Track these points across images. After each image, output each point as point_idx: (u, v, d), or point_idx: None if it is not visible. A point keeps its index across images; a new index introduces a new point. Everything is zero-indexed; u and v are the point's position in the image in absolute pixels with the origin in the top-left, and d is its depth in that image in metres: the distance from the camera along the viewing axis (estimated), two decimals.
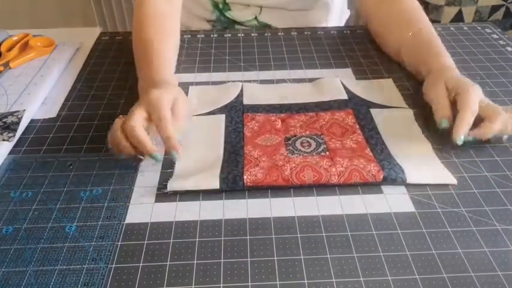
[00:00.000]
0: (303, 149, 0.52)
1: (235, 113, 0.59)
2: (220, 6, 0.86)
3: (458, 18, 1.56)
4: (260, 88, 0.64)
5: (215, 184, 0.47)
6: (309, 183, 0.47)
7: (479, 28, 0.83)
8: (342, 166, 0.48)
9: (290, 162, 0.49)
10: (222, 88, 0.65)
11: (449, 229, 0.44)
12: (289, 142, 0.53)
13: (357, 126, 0.55)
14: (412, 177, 0.48)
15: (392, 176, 0.48)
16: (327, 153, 0.51)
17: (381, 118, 0.57)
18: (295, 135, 0.54)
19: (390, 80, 0.66)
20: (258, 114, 0.58)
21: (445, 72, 0.57)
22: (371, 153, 0.51)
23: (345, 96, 0.61)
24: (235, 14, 0.86)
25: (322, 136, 0.54)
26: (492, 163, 0.51)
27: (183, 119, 0.52)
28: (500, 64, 0.71)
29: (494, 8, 1.56)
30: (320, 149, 0.52)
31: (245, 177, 0.47)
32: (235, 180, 0.47)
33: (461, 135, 0.50)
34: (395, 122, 0.57)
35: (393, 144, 0.53)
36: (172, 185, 0.48)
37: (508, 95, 0.63)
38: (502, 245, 0.42)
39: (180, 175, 0.49)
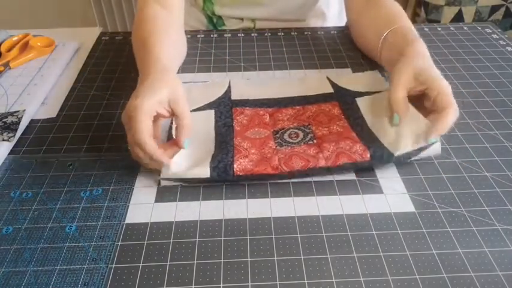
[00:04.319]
0: (291, 140, 0.52)
1: (224, 107, 0.59)
2: (214, 20, 0.87)
3: (458, 18, 1.57)
4: (247, 84, 0.65)
5: (206, 173, 0.47)
6: (297, 169, 0.48)
7: (479, 28, 0.82)
8: (329, 151, 0.49)
9: (278, 153, 0.50)
10: (208, 85, 0.65)
11: (449, 229, 0.44)
12: (278, 135, 0.54)
13: (343, 116, 0.57)
14: (397, 150, 0.49)
15: (379, 153, 0.49)
16: (315, 141, 0.52)
17: (366, 104, 0.58)
18: (283, 128, 0.55)
19: (376, 71, 0.67)
20: (247, 108, 0.59)
21: (417, 61, 0.54)
22: (356, 137, 0.52)
23: (330, 90, 0.63)
24: (229, 29, 0.86)
25: (309, 126, 0.55)
26: (492, 163, 0.51)
27: (188, 119, 0.50)
28: (500, 64, 0.71)
29: (494, 8, 1.57)
30: (307, 138, 0.53)
31: (235, 166, 0.48)
32: (225, 169, 0.48)
33: (435, 138, 0.49)
34: (380, 103, 0.57)
35: (378, 126, 0.53)
36: (165, 173, 0.48)
37: (508, 95, 0.63)
38: (502, 245, 0.42)
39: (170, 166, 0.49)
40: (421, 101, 0.53)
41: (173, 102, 0.49)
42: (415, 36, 0.60)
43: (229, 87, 0.63)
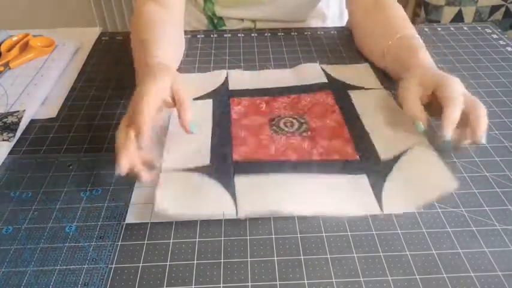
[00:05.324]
0: (286, 129, 0.55)
1: (222, 97, 0.62)
2: (215, 21, 0.87)
3: (458, 18, 1.56)
4: (244, 74, 0.68)
5: (206, 161, 0.50)
6: (293, 160, 0.50)
7: (479, 28, 0.82)
8: (322, 147, 0.52)
9: (275, 142, 0.53)
10: (206, 76, 0.67)
11: (449, 229, 0.44)
12: (273, 123, 0.56)
13: (336, 106, 0.59)
14: (385, 154, 0.51)
15: (367, 155, 0.51)
16: (309, 133, 0.54)
17: (360, 99, 0.60)
18: (279, 116, 0.58)
19: (367, 64, 0.69)
20: (244, 98, 0.62)
21: (419, 69, 0.54)
22: (348, 134, 0.54)
23: (324, 80, 0.65)
24: (229, 29, 0.86)
25: (304, 116, 0.58)
26: (492, 163, 0.51)
27: (187, 103, 0.51)
28: (500, 64, 0.71)
29: (494, 8, 1.56)
30: (302, 129, 0.55)
31: (233, 153, 0.51)
32: (225, 157, 0.51)
33: (449, 133, 0.47)
34: (372, 101, 0.60)
35: (370, 122, 0.56)
36: (165, 165, 0.50)
37: (508, 95, 0.63)
38: (502, 245, 0.42)
39: (170, 156, 0.51)
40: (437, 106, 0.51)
41: (175, 89, 0.51)
42: (419, 45, 0.60)
43: (226, 78, 0.66)
